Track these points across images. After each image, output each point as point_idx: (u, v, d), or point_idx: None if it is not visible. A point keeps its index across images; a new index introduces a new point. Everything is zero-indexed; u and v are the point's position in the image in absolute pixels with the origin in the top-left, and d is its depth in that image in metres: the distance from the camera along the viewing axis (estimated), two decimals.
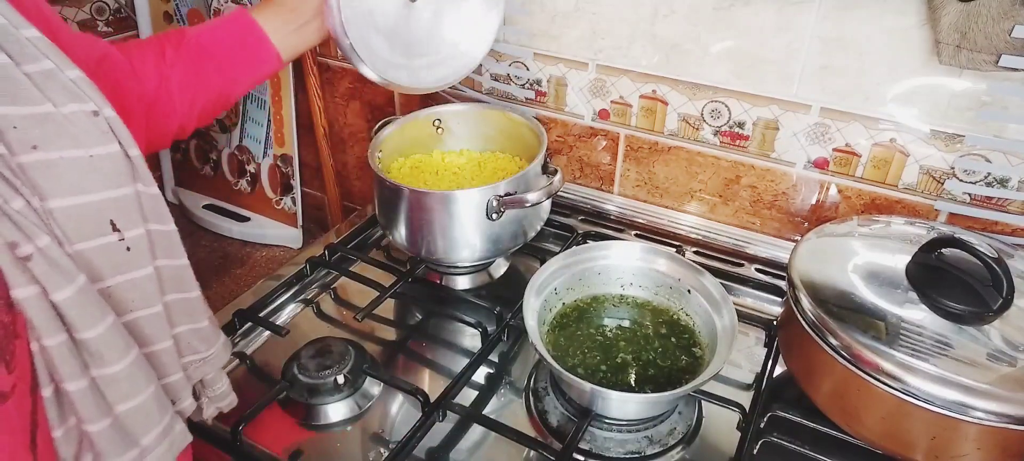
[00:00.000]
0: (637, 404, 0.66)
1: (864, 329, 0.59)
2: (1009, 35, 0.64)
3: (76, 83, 0.41)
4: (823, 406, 0.64)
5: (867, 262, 0.67)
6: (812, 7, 0.76)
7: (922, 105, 0.75)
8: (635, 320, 0.76)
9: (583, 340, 0.73)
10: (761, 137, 0.86)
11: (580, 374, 0.69)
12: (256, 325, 0.81)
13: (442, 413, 0.67)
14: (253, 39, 0.66)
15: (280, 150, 1.27)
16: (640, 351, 0.72)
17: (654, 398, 0.65)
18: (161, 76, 0.60)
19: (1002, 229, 0.77)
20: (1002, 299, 0.58)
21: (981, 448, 0.56)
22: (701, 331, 0.73)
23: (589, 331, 0.74)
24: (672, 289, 0.76)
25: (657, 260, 0.77)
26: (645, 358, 0.71)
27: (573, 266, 0.77)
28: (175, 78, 0.61)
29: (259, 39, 0.66)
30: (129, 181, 0.44)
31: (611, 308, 0.77)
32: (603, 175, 1.01)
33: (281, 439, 0.68)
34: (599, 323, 0.76)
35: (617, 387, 0.68)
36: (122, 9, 1.29)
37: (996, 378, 0.55)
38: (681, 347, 0.73)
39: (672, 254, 0.77)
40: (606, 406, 0.65)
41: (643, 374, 0.69)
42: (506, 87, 1.01)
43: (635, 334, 0.74)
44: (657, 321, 0.76)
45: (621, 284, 0.78)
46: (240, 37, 0.66)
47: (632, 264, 0.78)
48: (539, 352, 0.64)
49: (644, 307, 0.78)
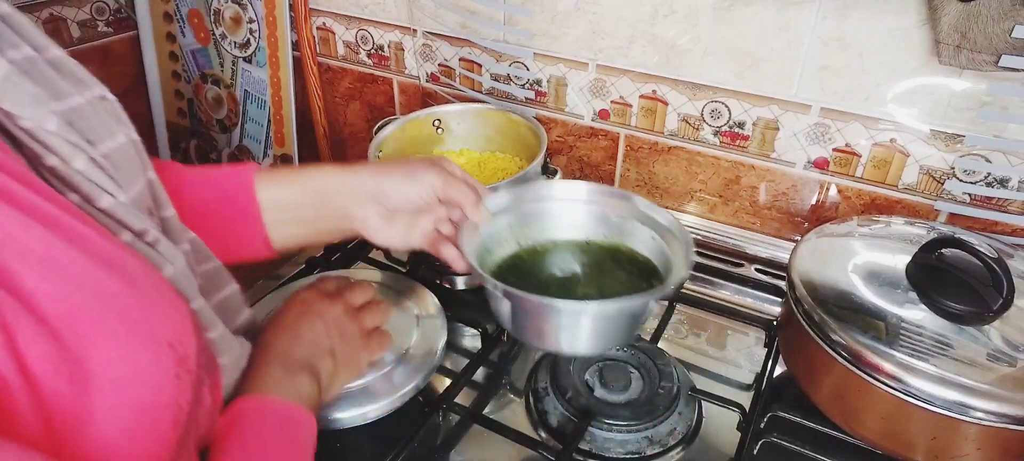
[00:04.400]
0: (599, 317, 0.59)
1: (864, 329, 0.59)
2: (1009, 35, 0.64)
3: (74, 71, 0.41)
4: (823, 406, 0.64)
5: (867, 262, 0.67)
6: (812, 7, 0.76)
7: (922, 105, 0.75)
8: (587, 256, 0.70)
9: (537, 281, 0.67)
10: (761, 137, 0.86)
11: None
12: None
13: (442, 413, 0.67)
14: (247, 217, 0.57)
15: (280, 150, 1.27)
16: (603, 285, 0.66)
17: (617, 303, 0.59)
18: None
19: (1002, 229, 0.77)
20: (1002, 299, 0.58)
21: (981, 448, 0.56)
22: (659, 262, 0.67)
23: (542, 270, 0.68)
24: (621, 226, 0.70)
25: (600, 198, 0.71)
26: (611, 292, 0.65)
27: (518, 209, 0.70)
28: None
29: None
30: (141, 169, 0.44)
31: (563, 247, 0.71)
32: (603, 175, 1.01)
33: None
34: (550, 261, 0.69)
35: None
36: (122, 9, 1.29)
37: (996, 378, 0.55)
38: (643, 276, 0.67)
39: (616, 191, 0.71)
40: (568, 335, 0.60)
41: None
42: (506, 87, 1.01)
43: (588, 270, 0.68)
44: (613, 255, 0.70)
45: (570, 225, 0.71)
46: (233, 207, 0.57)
47: (576, 204, 0.71)
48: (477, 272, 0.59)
49: (595, 245, 0.71)
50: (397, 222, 0.61)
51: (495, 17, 0.96)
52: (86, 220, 0.37)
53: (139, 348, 0.35)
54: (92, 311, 0.33)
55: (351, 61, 1.16)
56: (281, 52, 1.19)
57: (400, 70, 1.12)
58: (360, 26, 1.11)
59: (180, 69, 1.35)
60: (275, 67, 1.21)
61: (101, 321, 0.33)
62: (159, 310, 0.38)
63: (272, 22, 1.17)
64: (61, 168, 0.37)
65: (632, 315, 0.61)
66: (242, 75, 1.26)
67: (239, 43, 1.24)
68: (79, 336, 0.32)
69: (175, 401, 0.37)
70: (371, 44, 1.12)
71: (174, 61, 1.35)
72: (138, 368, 0.34)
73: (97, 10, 1.24)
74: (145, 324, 0.36)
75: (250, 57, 1.23)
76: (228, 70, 1.28)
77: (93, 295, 0.34)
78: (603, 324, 0.60)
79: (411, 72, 1.11)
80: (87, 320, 0.33)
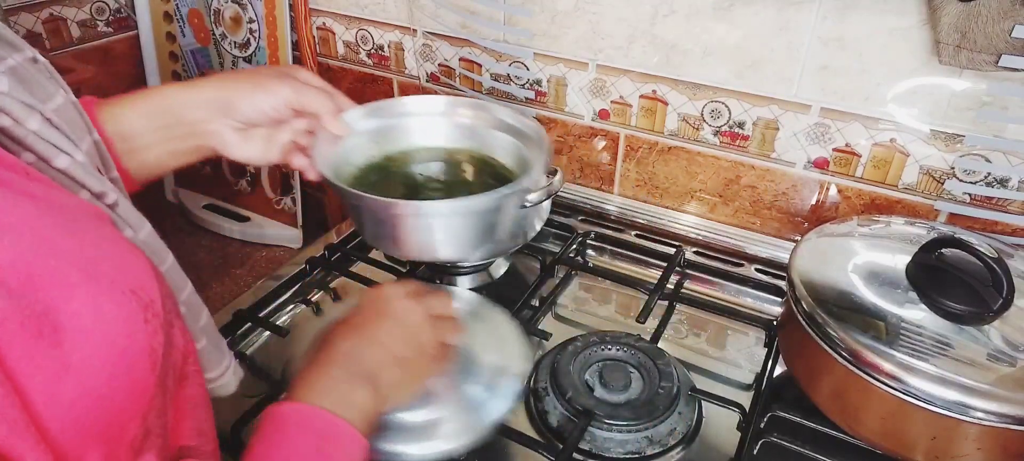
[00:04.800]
0: (449, 216, 0.57)
1: (864, 329, 0.59)
2: (1009, 35, 0.64)
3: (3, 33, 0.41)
4: (823, 406, 0.64)
5: (867, 262, 0.67)
6: (812, 7, 0.76)
7: (922, 105, 0.75)
8: (447, 165, 0.69)
9: (391, 184, 0.66)
10: (761, 137, 0.86)
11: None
12: (256, 325, 0.81)
13: None
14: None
15: None
16: (457, 191, 0.65)
17: (463, 202, 0.57)
18: None
19: (1002, 229, 0.77)
20: (1002, 299, 0.58)
21: (981, 448, 0.56)
22: (515, 166, 0.67)
23: (399, 179, 0.67)
24: (480, 134, 0.70)
25: (458, 109, 0.71)
26: (462, 194, 0.65)
27: (380, 122, 0.69)
28: None
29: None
30: (86, 129, 0.44)
31: (422, 157, 0.70)
32: (603, 175, 1.01)
33: None
34: (408, 171, 0.68)
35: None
36: (122, 9, 1.29)
37: (996, 378, 0.55)
38: (501, 181, 0.66)
39: (474, 102, 0.71)
40: (421, 238, 0.58)
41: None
42: (506, 87, 1.01)
43: (447, 178, 0.67)
44: (470, 162, 0.69)
45: (429, 136, 0.71)
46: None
47: (435, 118, 0.71)
48: (326, 178, 0.58)
49: (454, 153, 0.70)
50: (254, 136, 0.59)
51: (495, 17, 0.96)
52: (40, 179, 0.36)
53: (103, 297, 0.34)
54: (49, 266, 0.33)
55: (351, 61, 1.16)
56: (281, 52, 1.19)
57: (400, 70, 1.12)
58: (360, 26, 1.11)
59: (180, 69, 1.35)
60: None
61: (61, 275, 0.33)
62: (116, 260, 0.37)
63: (272, 22, 1.17)
64: (14, 129, 0.36)
65: (483, 216, 0.59)
66: None
67: (239, 43, 1.24)
68: (40, 291, 0.32)
69: (148, 345, 0.36)
70: (371, 44, 1.12)
71: (174, 61, 1.35)
72: (105, 316, 0.34)
73: (97, 10, 1.24)
74: (104, 275, 0.35)
75: (250, 57, 1.23)
76: (228, 70, 1.28)
77: (49, 251, 0.33)
78: (455, 225, 0.58)
79: (411, 72, 1.11)
80: (46, 275, 0.32)
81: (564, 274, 0.91)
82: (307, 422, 0.45)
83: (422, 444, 0.55)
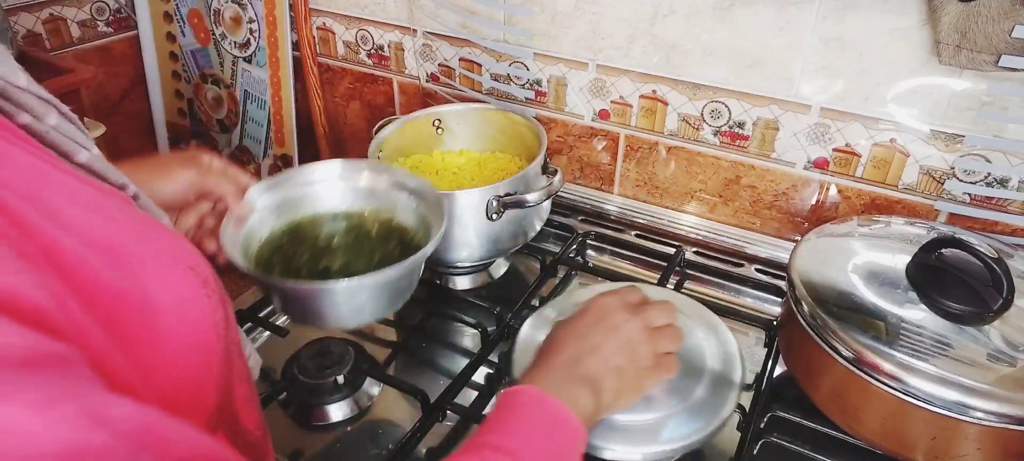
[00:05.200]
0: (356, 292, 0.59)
1: (864, 329, 0.59)
2: (1009, 35, 0.64)
3: None
4: (823, 406, 0.64)
5: (867, 262, 0.67)
6: (812, 7, 0.76)
7: (922, 105, 0.75)
8: (351, 228, 0.71)
9: (296, 257, 0.67)
10: (761, 137, 0.86)
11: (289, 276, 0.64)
12: (256, 325, 0.81)
13: (442, 413, 0.67)
14: None
15: (280, 150, 1.27)
16: (359, 258, 0.67)
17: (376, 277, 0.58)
18: None
19: (1002, 229, 0.77)
20: (1002, 299, 0.58)
21: (981, 448, 0.56)
22: (418, 228, 0.70)
23: (303, 248, 0.69)
24: (381, 196, 0.72)
25: (357, 173, 0.73)
26: (364, 262, 0.67)
27: (283, 195, 0.70)
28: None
29: None
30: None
31: (326, 223, 0.72)
32: (603, 175, 1.01)
33: (281, 439, 0.68)
34: (314, 238, 0.70)
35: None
36: (122, 9, 1.29)
37: (996, 378, 0.55)
38: (402, 245, 0.69)
39: (372, 164, 0.73)
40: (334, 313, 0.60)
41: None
42: (506, 87, 1.01)
43: (353, 243, 0.69)
44: (374, 227, 0.71)
45: (333, 201, 0.73)
46: None
47: (335, 184, 0.73)
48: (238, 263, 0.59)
49: (357, 216, 0.72)
50: None
51: (495, 17, 0.96)
52: (70, 172, 0.36)
53: (170, 273, 0.35)
54: (124, 239, 0.34)
55: (351, 61, 1.16)
56: (281, 52, 1.19)
57: (400, 70, 1.12)
58: (360, 26, 1.11)
59: (180, 69, 1.35)
60: (275, 67, 1.21)
61: (132, 250, 0.34)
62: (168, 240, 0.38)
63: (272, 22, 1.17)
64: (35, 125, 0.36)
65: (391, 285, 0.61)
66: (242, 75, 1.26)
67: (239, 43, 1.24)
68: (125, 263, 0.32)
69: (212, 318, 0.37)
70: (371, 44, 1.12)
71: (174, 61, 1.35)
72: (176, 291, 0.35)
73: (97, 10, 1.24)
74: (165, 252, 0.36)
75: (250, 57, 1.23)
76: (228, 70, 1.28)
77: (120, 227, 0.34)
78: (364, 297, 0.61)
79: (411, 72, 1.11)
80: (125, 250, 0.33)
81: (564, 274, 0.91)
82: (540, 406, 0.49)
83: (639, 448, 0.57)
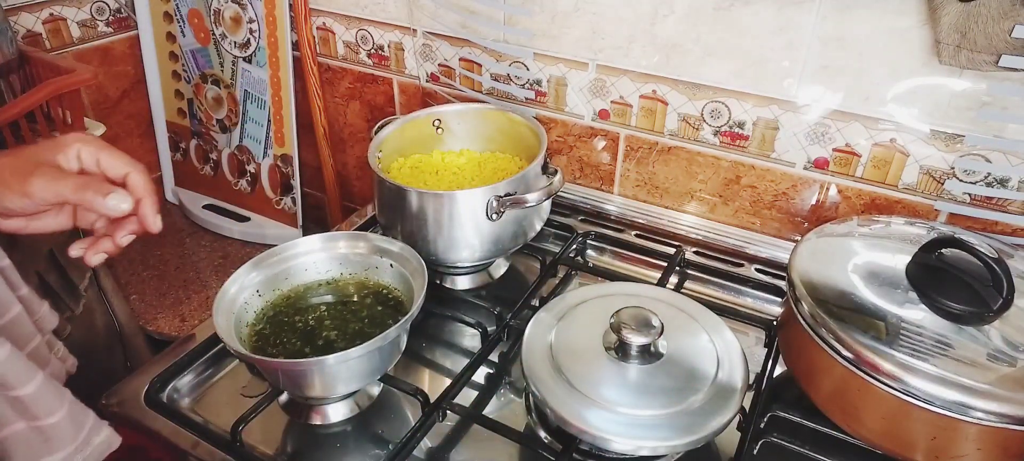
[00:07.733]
0: (345, 363, 0.62)
1: (864, 329, 0.59)
2: (1009, 35, 0.64)
3: None
4: (823, 406, 0.64)
5: (867, 262, 0.67)
6: (812, 7, 0.76)
7: (922, 105, 0.75)
8: (338, 298, 0.74)
9: (285, 330, 0.70)
10: (761, 137, 0.86)
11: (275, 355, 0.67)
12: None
13: (442, 413, 0.67)
14: None
15: (280, 150, 1.27)
16: (346, 325, 0.70)
17: (359, 350, 0.61)
18: None
19: (1002, 229, 0.77)
20: (1002, 299, 0.58)
21: (981, 448, 0.56)
22: (402, 290, 0.73)
23: (292, 320, 0.72)
24: (362, 263, 0.76)
25: (337, 243, 0.76)
26: (352, 330, 0.70)
27: (264, 270, 0.74)
28: None
29: None
30: None
31: (313, 294, 0.75)
32: (603, 175, 1.01)
33: (281, 439, 0.68)
34: (302, 310, 0.73)
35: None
36: (122, 9, 1.29)
37: (996, 378, 0.55)
38: (388, 308, 0.72)
39: (349, 234, 0.76)
40: (326, 383, 0.63)
41: (352, 343, 0.64)
42: (506, 87, 1.01)
43: (339, 310, 0.72)
44: (360, 293, 0.74)
45: (317, 272, 0.76)
46: None
47: (317, 255, 0.76)
48: (233, 349, 0.62)
49: (344, 284, 0.76)
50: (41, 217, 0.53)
51: (495, 17, 0.96)
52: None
53: None
54: None
55: (351, 61, 1.16)
56: (281, 52, 1.19)
57: (400, 70, 1.12)
58: (360, 26, 1.11)
59: (180, 69, 1.35)
60: (275, 67, 1.21)
61: None
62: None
63: (272, 22, 1.17)
64: None
65: (380, 351, 0.64)
66: (242, 75, 1.26)
67: (239, 43, 1.24)
68: None
69: None
70: (371, 44, 1.12)
71: (174, 61, 1.35)
72: None
73: (97, 10, 1.24)
74: None
75: (250, 57, 1.23)
76: (228, 70, 1.28)
77: None
78: (354, 367, 0.64)
79: (411, 72, 1.11)
80: None
81: (564, 274, 0.91)
82: None
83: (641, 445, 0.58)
